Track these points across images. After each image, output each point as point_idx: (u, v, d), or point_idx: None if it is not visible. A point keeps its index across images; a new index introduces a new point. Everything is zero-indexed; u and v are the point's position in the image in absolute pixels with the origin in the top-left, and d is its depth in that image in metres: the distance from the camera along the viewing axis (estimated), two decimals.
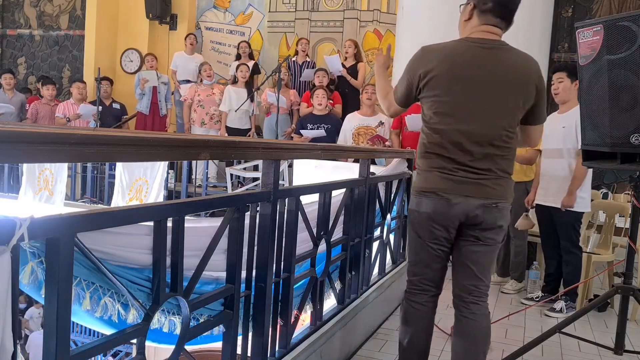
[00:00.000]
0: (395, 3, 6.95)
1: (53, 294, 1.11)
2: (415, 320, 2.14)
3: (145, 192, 4.38)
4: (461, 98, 1.97)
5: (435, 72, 1.98)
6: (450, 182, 1.97)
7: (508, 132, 1.99)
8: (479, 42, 1.99)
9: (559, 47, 6.34)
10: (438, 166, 2.00)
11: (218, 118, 6.36)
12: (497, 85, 1.97)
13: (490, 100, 1.97)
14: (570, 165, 3.64)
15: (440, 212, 1.99)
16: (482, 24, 2.01)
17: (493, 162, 1.98)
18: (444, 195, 1.98)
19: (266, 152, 1.88)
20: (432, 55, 2.01)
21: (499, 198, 1.99)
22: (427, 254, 2.08)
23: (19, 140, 0.92)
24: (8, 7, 9.15)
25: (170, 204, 1.48)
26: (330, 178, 2.66)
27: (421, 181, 2.06)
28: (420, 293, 2.13)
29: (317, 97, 5.45)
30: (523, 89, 2.00)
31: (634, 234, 2.60)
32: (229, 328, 1.74)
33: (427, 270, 2.10)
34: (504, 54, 2.00)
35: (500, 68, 1.98)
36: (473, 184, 1.96)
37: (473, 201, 1.96)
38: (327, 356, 2.43)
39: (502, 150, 1.99)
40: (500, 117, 1.98)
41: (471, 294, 2.06)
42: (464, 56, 1.99)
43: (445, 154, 1.98)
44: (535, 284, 4.12)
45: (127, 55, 8.13)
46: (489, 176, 1.98)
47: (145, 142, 1.24)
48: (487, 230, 2.01)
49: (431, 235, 2.04)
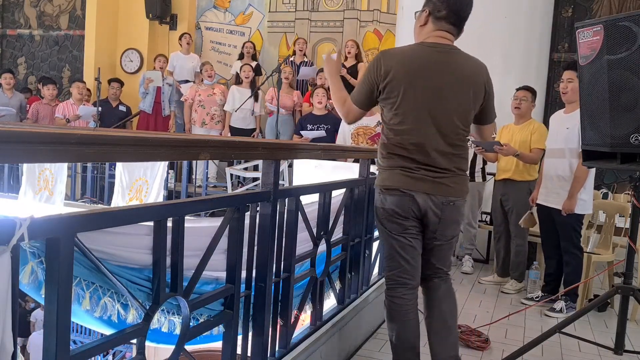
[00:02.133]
0: (395, 3, 6.96)
1: (53, 294, 1.11)
2: (399, 315, 2.19)
3: (145, 192, 4.38)
4: (420, 99, 2.07)
5: (394, 75, 2.07)
6: (411, 179, 2.08)
7: (463, 132, 2.14)
8: (433, 46, 2.11)
9: (559, 47, 6.34)
10: (400, 165, 2.10)
11: (219, 118, 6.36)
12: (452, 87, 2.09)
13: (447, 101, 2.08)
14: (572, 166, 3.63)
15: (405, 206, 2.10)
16: (436, 30, 2.13)
17: (451, 162, 2.10)
18: (407, 191, 2.08)
19: (266, 152, 1.88)
20: (392, 58, 2.10)
21: (456, 196, 2.13)
22: (400, 246, 2.15)
23: (19, 140, 0.92)
24: (8, 7, 9.15)
25: (170, 204, 1.48)
26: (330, 178, 2.66)
27: (384, 179, 2.15)
28: (399, 287, 2.18)
29: (318, 96, 5.46)
30: (474, 90, 2.13)
31: (634, 234, 2.60)
32: (229, 328, 1.74)
33: (402, 262, 2.16)
34: (457, 58, 2.12)
35: (455, 71, 2.10)
36: (433, 183, 2.08)
37: (433, 199, 2.09)
38: (327, 356, 2.43)
39: (458, 149, 2.13)
40: (456, 117, 2.10)
41: (435, 277, 2.24)
42: (421, 59, 2.10)
43: (405, 154, 2.09)
44: (535, 284, 4.12)
45: (127, 55, 8.13)
46: (447, 175, 2.10)
47: (145, 142, 1.24)
48: (445, 227, 2.15)
49: (400, 228, 2.13)
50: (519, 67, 5.32)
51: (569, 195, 3.60)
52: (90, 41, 8.03)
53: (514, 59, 5.32)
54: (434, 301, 2.24)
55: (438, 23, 2.13)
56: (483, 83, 2.16)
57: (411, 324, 2.19)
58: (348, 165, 4.23)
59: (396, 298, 2.18)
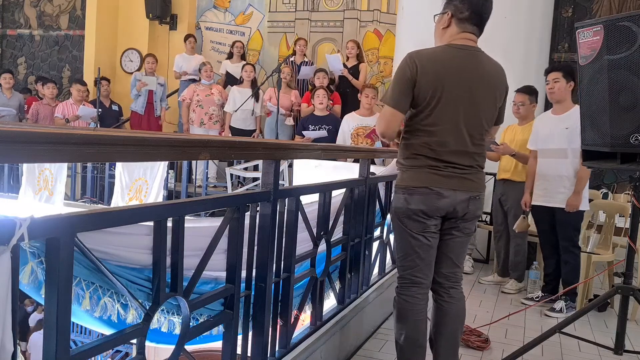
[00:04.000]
0: (395, 3, 6.95)
1: (53, 294, 1.11)
2: (411, 314, 2.18)
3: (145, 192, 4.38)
4: (453, 102, 2.08)
5: (428, 75, 2.06)
6: (441, 177, 2.10)
7: (486, 131, 2.20)
8: (463, 48, 2.13)
9: (559, 47, 6.34)
10: (427, 165, 2.11)
11: (217, 118, 6.35)
12: (482, 89, 2.12)
13: (477, 103, 2.11)
14: (575, 165, 3.64)
15: (432, 204, 2.10)
16: (461, 32, 2.14)
17: (473, 159, 2.15)
18: (435, 188, 2.09)
19: (266, 152, 1.88)
20: (425, 59, 2.09)
21: (479, 190, 2.19)
22: (419, 245, 2.15)
23: (19, 140, 0.92)
24: (8, 7, 9.15)
25: (170, 204, 1.48)
26: (330, 178, 2.65)
27: (410, 178, 2.14)
28: (413, 286, 2.18)
29: (318, 97, 5.46)
30: (498, 90, 2.19)
31: (634, 234, 2.60)
32: (229, 328, 1.74)
33: (418, 261, 2.16)
34: (483, 60, 2.15)
35: (483, 73, 2.13)
36: (459, 178, 2.12)
37: (460, 194, 2.12)
38: (327, 356, 2.43)
39: (479, 147, 2.17)
40: (483, 119, 2.15)
41: (449, 280, 2.25)
42: (453, 61, 2.10)
43: (433, 155, 2.10)
44: (535, 284, 4.12)
45: (127, 55, 8.14)
46: (471, 171, 2.15)
47: (145, 142, 1.24)
48: (468, 221, 2.19)
49: (421, 227, 2.13)
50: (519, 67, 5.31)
51: (574, 192, 3.61)
52: (90, 41, 8.03)
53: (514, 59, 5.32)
54: (446, 319, 2.25)
55: (462, 25, 2.14)
56: (504, 85, 2.21)
57: (421, 323, 2.20)
58: (348, 165, 4.24)
59: (409, 297, 2.18)
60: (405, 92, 2.09)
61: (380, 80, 7.22)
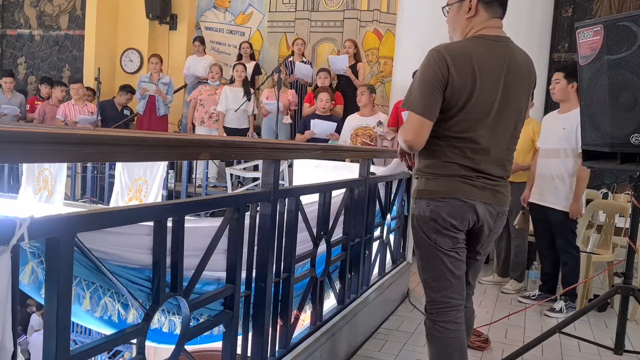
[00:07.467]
0: (395, 3, 6.95)
1: (53, 294, 1.11)
2: (455, 343, 1.91)
3: (145, 192, 4.38)
4: (488, 104, 1.83)
5: (461, 74, 1.78)
6: (474, 188, 1.86)
7: (518, 134, 1.98)
8: (496, 40, 1.86)
9: (559, 47, 6.34)
10: (459, 173, 1.86)
11: (217, 117, 6.36)
12: (517, 87, 1.88)
13: (511, 104, 1.88)
14: (567, 166, 3.64)
15: (463, 217, 1.87)
16: (490, 18, 1.87)
17: (504, 169, 1.94)
18: (467, 200, 1.85)
19: (266, 152, 1.88)
20: (456, 55, 1.80)
21: (507, 205, 1.98)
22: (452, 262, 1.90)
23: (19, 140, 0.92)
24: (8, 7, 9.15)
25: (170, 204, 1.48)
26: (330, 178, 2.65)
27: (438, 187, 1.88)
28: (451, 310, 1.91)
29: (322, 101, 5.47)
30: (531, 86, 1.99)
31: (634, 234, 2.60)
32: (229, 328, 1.74)
33: (454, 281, 1.91)
34: (515, 52, 1.90)
35: (517, 68, 1.88)
36: (492, 191, 1.90)
37: (490, 209, 1.90)
38: (327, 356, 2.43)
39: (510, 154, 1.97)
40: (517, 118, 1.93)
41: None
42: (487, 57, 1.83)
43: (466, 163, 1.85)
44: (535, 284, 4.12)
45: (127, 55, 8.13)
46: (501, 183, 1.93)
47: (145, 142, 1.24)
48: (490, 240, 2.00)
49: (453, 242, 1.89)
50: None
51: (574, 198, 3.60)
52: (90, 41, 8.03)
53: None
54: None
55: (491, 9, 1.86)
56: (534, 80, 1.99)
57: (463, 350, 1.92)
58: (348, 165, 4.24)
59: (450, 324, 1.90)
60: (435, 96, 1.78)
61: (380, 80, 7.22)
